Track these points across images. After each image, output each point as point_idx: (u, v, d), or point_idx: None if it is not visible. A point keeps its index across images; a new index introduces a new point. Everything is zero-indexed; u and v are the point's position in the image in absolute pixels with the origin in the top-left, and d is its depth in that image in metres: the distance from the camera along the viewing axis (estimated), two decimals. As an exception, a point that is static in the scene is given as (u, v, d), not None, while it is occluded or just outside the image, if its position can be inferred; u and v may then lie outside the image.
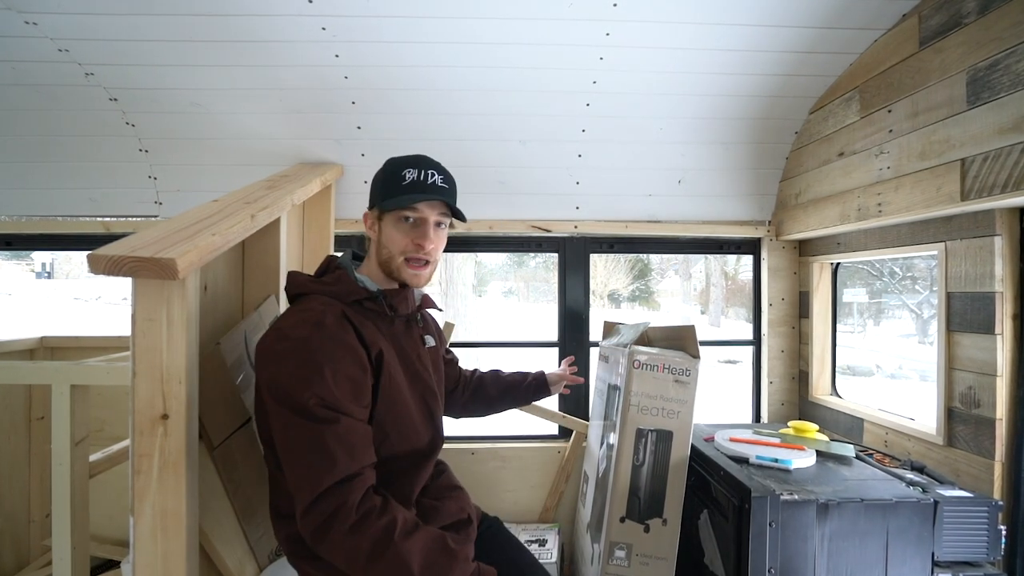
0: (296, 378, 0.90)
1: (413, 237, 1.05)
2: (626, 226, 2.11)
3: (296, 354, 0.91)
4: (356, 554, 0.86)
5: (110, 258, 0.85)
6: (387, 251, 1.06)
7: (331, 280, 1.05)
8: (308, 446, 0.89)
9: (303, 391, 0.89)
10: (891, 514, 1.25)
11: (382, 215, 1.07)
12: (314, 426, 0.89)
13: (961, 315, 1.44)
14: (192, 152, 1.95)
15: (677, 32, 1.64)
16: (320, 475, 0.87)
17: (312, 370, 0.90)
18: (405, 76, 1.76)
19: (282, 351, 0.92)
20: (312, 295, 1.02)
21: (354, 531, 0.86)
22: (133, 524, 0.91)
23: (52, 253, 16.70)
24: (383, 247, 1.07)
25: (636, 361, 1.47)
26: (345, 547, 0.87)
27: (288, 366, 0.91)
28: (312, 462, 0.88)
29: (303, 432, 0.89)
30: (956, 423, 1.45)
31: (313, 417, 0.89)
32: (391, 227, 1.05)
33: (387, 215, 1.06)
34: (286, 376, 0.91)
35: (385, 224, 1.06)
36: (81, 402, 1.28)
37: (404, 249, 1.05)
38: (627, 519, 1.45)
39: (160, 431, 0.91)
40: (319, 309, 0.97)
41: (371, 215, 1.10)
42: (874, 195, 1.60)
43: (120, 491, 1.96)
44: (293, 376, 0.90)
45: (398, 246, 1.05)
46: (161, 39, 1.64)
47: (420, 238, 1.05)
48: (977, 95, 1.28)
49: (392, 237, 1.05)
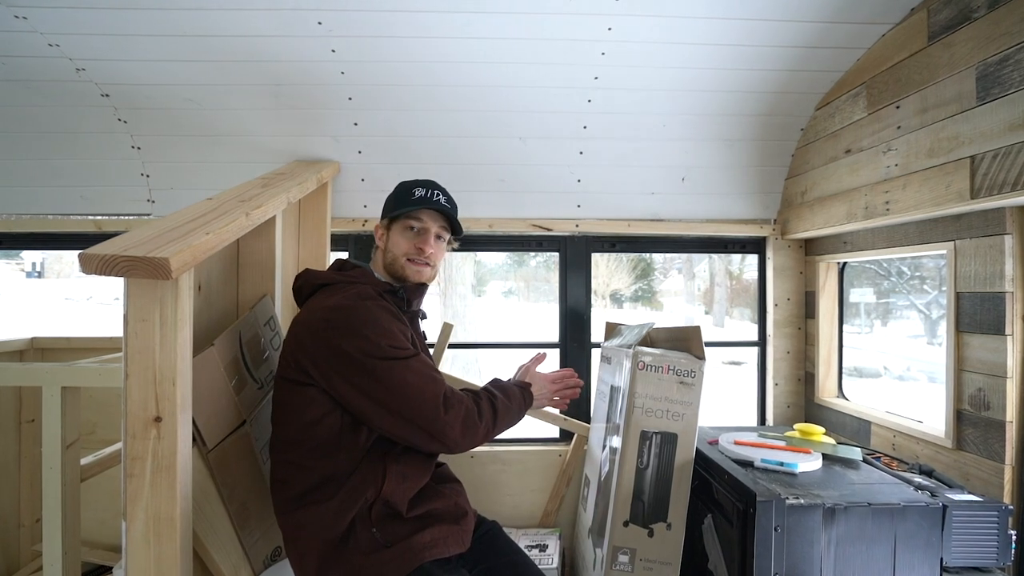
0: (373, 333, 1.06)
1: (416, 242, 1.24)
2: (628, 225, 2.11)
3: (357, 315, 1.08)
4: (489, 428, 1.13)
5: (102, 257, 0.85)
6: (391, 254, 1.25)
7: (356, 274, 1.22)
8: (415, 374, 1.06)
9: (382, 340, 1.06)
10: (899, 519, 1.25)
11: (391, 224, 1.26)
12: (405, 362, 1.07)
13: (970, 316, 1.44)
14: (185, 149, 1.95)
15: (680, 27, 1.64)
16: (436, 387, 1.07)
17: (380, 327, 1.07)
18: (403, 72, 1.76)
19: (350, 321, 1.07)
20: (340, 284, 1.18)
21: (481, 415, 1.12)
22: (125, 529, 0.91)
23: (43, 252, 16.69)
24: (388, 252, 1.25)
25: (640, 362, 1.47)
26: (484, 429, 1.12)
27: (363, 329, 1.06)
28: (424, 381, 1.06)
29: (400, 370, 1.06)
30: (965, 426, 1.45)
31: (404, 356, 1.07)
32: (398, 234, 1.25)
33: (395, 224, 1.25)
34: (365, 337, 1.05)
35: (393, 232, 1.26)
36: (72, 404, 1.28)
37: (407, 251, 1.24)
38: (631, 523, 1.45)
39: (153, 434, 0.91)
40: (357, 289, 1.15)
41: (381, 225, 1.29)
42: (881, 193, 1.60)
43: (112, 495, 1.96)
44: (369, 333, 1.06)
45: (402, 249, 1.24)
46: (154, 34, 1.64)
47: (422, 243, 1.24)
48: (987, 91, 1.28)
49: (397, 242, 1.24)
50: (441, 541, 1.08)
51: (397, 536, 1.05)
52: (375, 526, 1.04)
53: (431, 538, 1.07)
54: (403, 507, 1.07)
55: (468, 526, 1.17)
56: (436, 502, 1.13)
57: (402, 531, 1.06)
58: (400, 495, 1.07)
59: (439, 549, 1.07)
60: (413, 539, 1.05)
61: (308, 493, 1.07)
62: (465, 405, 1.10)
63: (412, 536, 1.05)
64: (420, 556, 1.04)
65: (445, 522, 1.11)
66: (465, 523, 1.16)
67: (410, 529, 1.06)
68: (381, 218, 1.31)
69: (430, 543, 1.06)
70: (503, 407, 1.17)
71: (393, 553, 1.03)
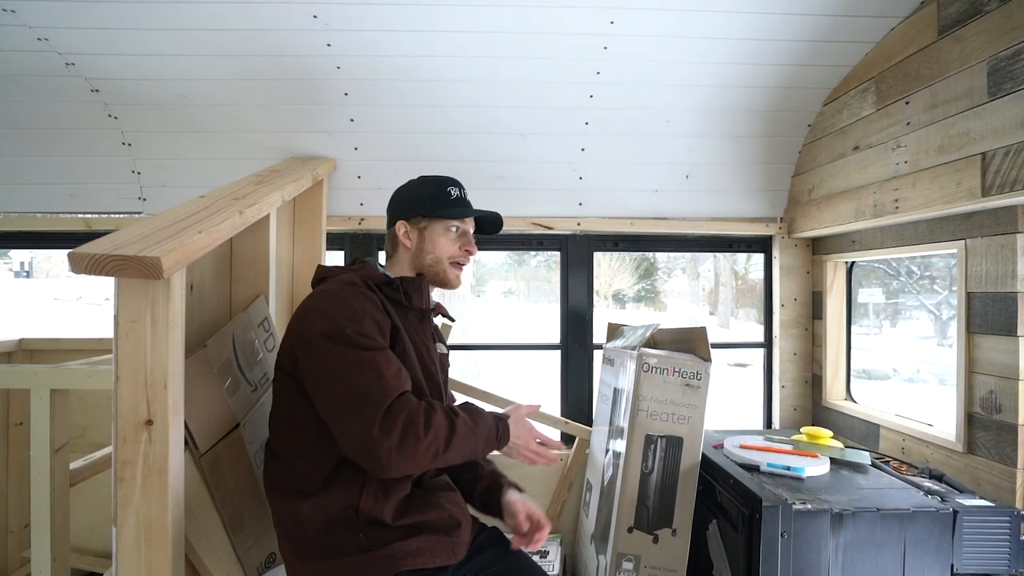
0: (341, 317, 1.05)
1: (462, 244, 1.26)
2: (631, 223, 2.11)
3: (336, 301, 1.08)
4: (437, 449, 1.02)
5: (92, 256, 0.84)
6: (432, 256, 1.25)
7: (356, 267, 1.23)
8: (366, 369, 1.01)
9: (346, 326, 1.03)
10: (908, 524, 1.25)
11: (430, 224, 1.25)
12: (366, 353, 1.02)
13: (982, 316, 1.44)
14: (177, 146, 1.95)
15: (684, 20, 1.64)
16: (384, 390, 1.00)
17: (351, 312, 1.06)
18: (400, 66, 1.76)
19: (323, 304, 1.08)
20: (340, 274, 1.19)
21: (427, 428, 1.01)
22: (116, 535, 0.91)
23: (31, 251, 16.70)
24: (426, 252, 1.25)
25: (645, 364, 1.47)
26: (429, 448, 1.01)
27: (330, 312, 1.06)
28: (371, 380, 1.01)
29: (358, 361, 1.01)
30: (976, 429, 1.45)
31: (363, 346, 1.03)
32: (440, 235, 1.25)
33: (436, 224, 1.25)
34: (331, 319, 1.04)
35: (432, 232, 1.25)
36: (61, 407, 1.28)
37: (453, 254, 1.26)
38: (635, 529, 1.45)
39: (144, 437, 0.91)
40: (347, 278, 1.15)
41: (410, 224, 1.26)
42: (890, 191, 1.61)
43: (102, 500, 1.96)
44: (337, 317, 1.05)
45: (447, 251, 1.25)
46: (145, 27, 1.64)
47: (468, 245, 1.27)
48: (999, 86, 1.28)
49: (441, 244, 1.25)
50: (427, 551, 1.07)
51: (380, 541, 1.06)
52: (362, 531, 1.06)
53: (416, 547, 1.06)
54: (388, 518, 1.07)
55: (461, 537, 1.15)
56: (427, 513, 1.11)
57: (386, 537, 1.06)
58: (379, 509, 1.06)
59: (423, 559, 1.06)
60: (394, 546, 1.05)
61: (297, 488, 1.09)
62: (409, 413, 1.00)
63: (394, 543, 1.05)
64: (399, 563, 1.03)
65: (435, 532, 1.10)
66: (458, 534, 1.14)
67: (395, 536, 1.07)
68: (406, 215, 1.26)
69: (414, 551, 1.06)
70: (464, 430, 1.06)
71: (373, 557, 1.04)
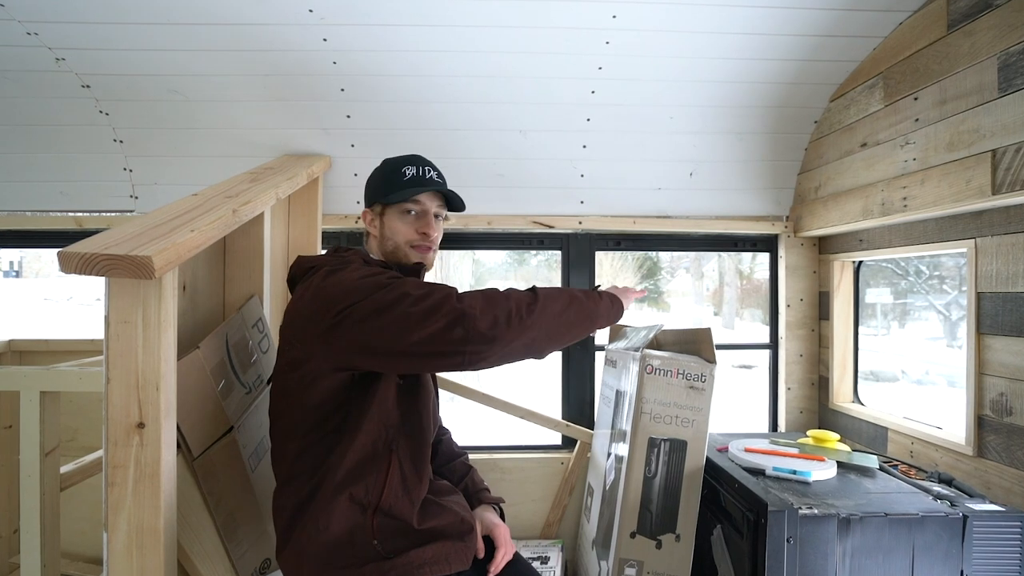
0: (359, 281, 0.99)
1: (418, 227, 1.20)
2: (634, 222, 2.11)
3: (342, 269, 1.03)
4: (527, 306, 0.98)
5: (82, 256, 0.85)
6: (392, 242, 1.20)
7: (349, 255, 1.16)
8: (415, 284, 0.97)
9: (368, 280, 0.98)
10: (917, 530, 1.25)
11: (385, 210, 1.21)
12: (405, 280, 1.00)
13: (992, 317, 1.44)
14: (170, 143, 1.95)
15: (688, 14, 1.64)
16: (443, 287, 0.97)
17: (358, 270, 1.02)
18: (398, 61, 1.76)
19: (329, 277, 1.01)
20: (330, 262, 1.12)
21: (503, 294, 0.99)
22: (107, 540, 0.91)
23: (20, 250, 16.70)
24: (387, 239, 1.20)
25: (649, 366, 1.47)
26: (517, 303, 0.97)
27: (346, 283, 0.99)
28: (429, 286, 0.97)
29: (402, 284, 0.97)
30: (987, 432, 1.45)
31: (394, 280, 0.99)
32: (396, 219, 1.20)
33: (390, 209, 1.20)
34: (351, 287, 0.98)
35: (389, 218, 1.20)
36: (51, 410, 1.28)
37: (410, 238, 1.20)
38: (638, 534, 1.45)
39: (136, 441, 0.91)
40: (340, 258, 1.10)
41: (372, 212, 1.24)
42: (899, 188, 1.61)
43: (93, 504, 1.96)
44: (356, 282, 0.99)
45: (403, 236, 1.20)
46: (137, 22, 1.64)
47: (424, 227, 1.20)
48: (1009, 81, 1.28)
49: (397, 228, 1.20)
50: (443, 558, 1.07)
51: (397, 549, 1.04)
52: (376, 537, 1.04)
53: (432, 554, 1.06)
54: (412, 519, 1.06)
55: (473, 542, 1.15)
56: (441, 517, 1.12)
57: (402, 544, 1.05)
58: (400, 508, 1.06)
59: (440, 566, 1.06)
60: (411, 553, 1.04)
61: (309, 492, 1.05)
62: (476, 293, 0.99)
63: (411, 550, 1.04)
64: (417, 572, 1.03)
65: (450, 538, 1.10)
66: (471, 539, 1.14)
67: (412, 543, 1.06)
68: (369, 203, 1.26)
69: (431, 559, 1.05)
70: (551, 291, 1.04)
71: (391, 565, 1.03)
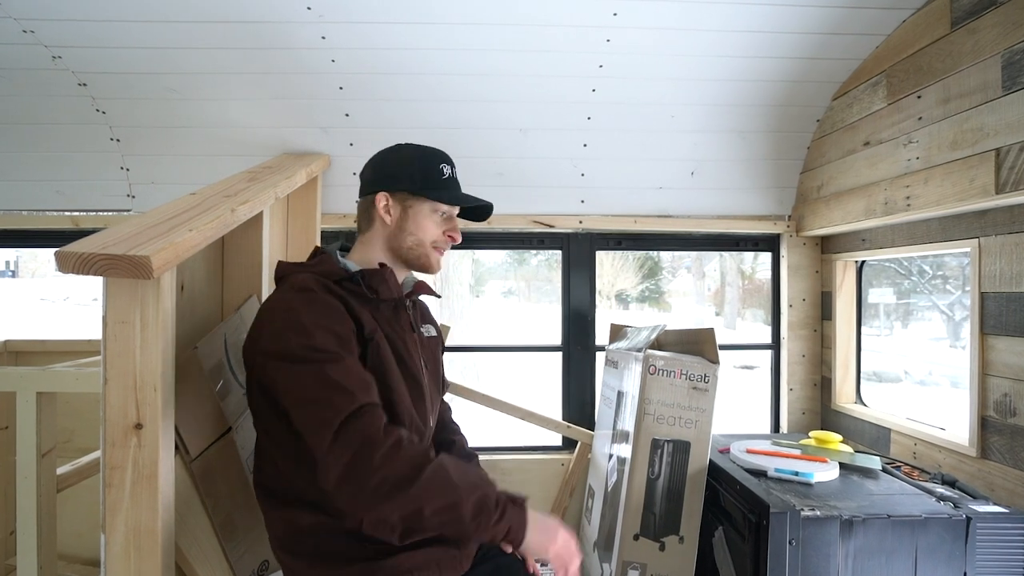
0: (288, 331, 0.96)
1: (446, 228, 1.19)
2: (635, 221, 2.11)
3: (284, 314, 0.99)
4: (391, 488, 0.88)
5: (79, 255, 0.84)
6: (415, 238, 1.16)
7: (314, 262, 1.14)
8: (316, 384, 0.92)
9: (293, 340, 0.95)
10: (920, 531, 1.25)
11: (414, 202, 1.16)
12: (315, 366, 0.93)
13: (996, 317, 1.44)
14: (167, 142, 1.94)
15: (690, 12, 1.64)
16: (336, 406, 0.90)
17: (298, 327, 0.97)
18: (397, 59, 1.76)
19: (271, 318, 1.00)
20: (296, 274, 1.10)
21: (388, 457, 0.89)
22: (104, 542, 0.91)
23: (16, 250, 16.69)
24: (408, 233, 1.16)
25: (652, 366, 1.47)
26: (380, 477, 0.87)
27: (278, 327, 0.98)
28: (322, 397, 0.91)
29: (307, 374, 0.93)
30: (990, 433, 1.45)
31: (311, 359, 0.94)
32: (426, 216, 1.16)
33: (421, 203, 1.16)
34: (277, 335, 0.97)
35: (417, 212, 1.16)
36: (48, 411, 1.28)
37: (436, 239, 1.18)
38: (641, 536, 1.45)
39: (133, 442, 0.91)
40: (303, 280, 1.06)
41: (394, 198, 1.16)
42: (902, 188, 1.60)
43: (90, 506, 1.96)
44: (284, 332, 0.96)
45: (430, 235, 1.17)
46: (134, 19, 1.64)
47: (453, 230, 1.19)
48: (1013, 80, 1.28)
49: (425, 226, 1.16)
50: (433, 564, 1.05)
51: (386, 551, 1.03)
52: (367, 538, 1.04)
53: (423, 559, 1.04)
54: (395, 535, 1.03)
55: (469, 549, 1.13)
56: None
57: (392, 546, 1.04)
58: None
59: (430, 572, 1.05)
60: (400, 556, 1.02)
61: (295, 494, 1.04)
62: (368, 434, 0.89)
63: (399, 553, 1.03)
64: None
65: (443, 544, 1.08)
66: (468, 547, 1.13)
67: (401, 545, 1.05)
68: (389, 187, 1.16)
69: (421, 563, 1.04)
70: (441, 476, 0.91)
71: (379, 567, 1.02)
